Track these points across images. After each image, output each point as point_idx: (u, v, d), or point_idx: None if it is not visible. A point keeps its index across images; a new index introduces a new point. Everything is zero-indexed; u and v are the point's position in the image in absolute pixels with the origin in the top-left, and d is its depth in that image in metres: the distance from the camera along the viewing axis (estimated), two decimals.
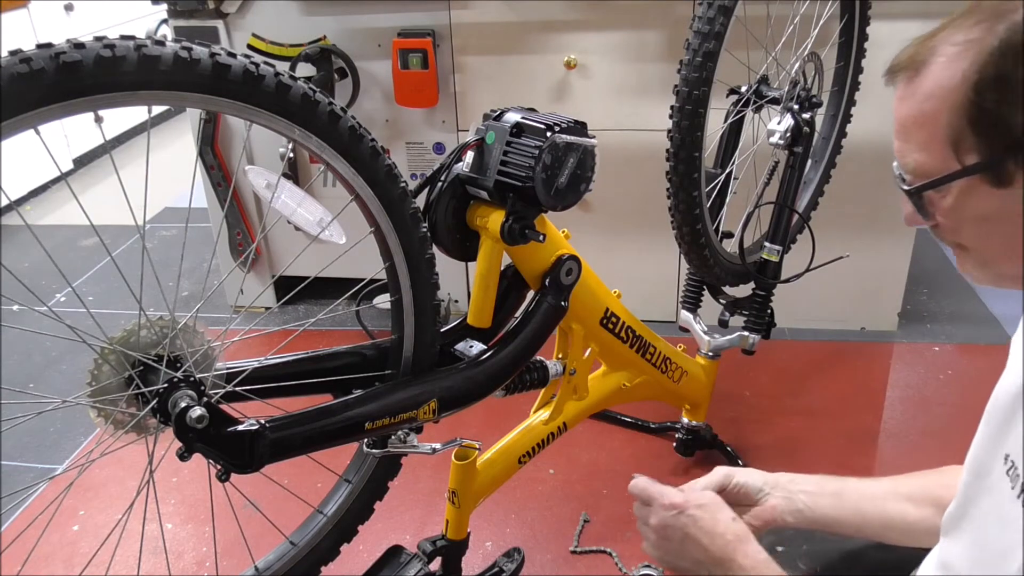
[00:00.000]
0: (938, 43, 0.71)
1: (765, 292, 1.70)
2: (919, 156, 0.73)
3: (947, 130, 0.70)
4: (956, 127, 0.69)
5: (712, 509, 0.93)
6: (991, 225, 0.72)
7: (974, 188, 0.70)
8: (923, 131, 0.72)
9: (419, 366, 1.14)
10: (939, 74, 0.70)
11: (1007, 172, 0.68)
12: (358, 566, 1.34)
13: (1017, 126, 0.66)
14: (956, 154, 0.70)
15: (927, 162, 0.72)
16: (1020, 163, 0.67)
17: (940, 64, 0.70)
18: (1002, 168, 0.68)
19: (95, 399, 0.93)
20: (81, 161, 3.85)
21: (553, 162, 1.06)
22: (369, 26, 2.15)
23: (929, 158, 0.72)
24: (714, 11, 1.38)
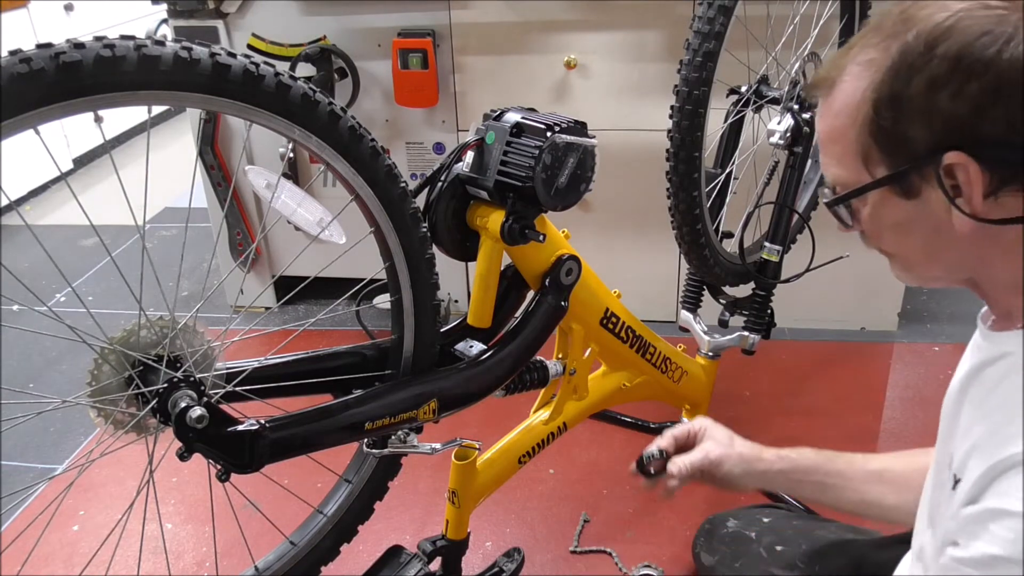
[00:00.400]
0: (847, 62, 0.73)
1: (765, 292, 1.70)
2: (836, 170, 0.76)
3: (856, 145, 0.73)
4: (863, 142, 0.72)
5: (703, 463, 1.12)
6: (905, 232, 0.75)
7: (886, 199, 0.73)
8: (837, 146, 0.75)
9: (419, 366, 1.14)
10: (846, 92, 0.73)
11: (913, 184, 0.71)
12: (358, 566, 1.34)
13: (916, 141, 0.68)
14: (867, 167, 0.73)
15: (843, 175, 0.76)
16: (923, 176, 0.69)
17: (847, 83, 0.73)
18: (907, 181, 0.71)
19: (95, 399, 0.93)
20: (81, 161, 3.85)
21: (553, 162, 1.06)
22: (369, 26, 2.15)
23: (844, 171, 0.75)
24: (714, 11, 1.38)
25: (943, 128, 0.67)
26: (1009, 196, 0.67)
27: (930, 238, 0.73)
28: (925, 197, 0.71)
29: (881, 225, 0.76)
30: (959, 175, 0.67)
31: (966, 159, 0.66)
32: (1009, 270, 0.72)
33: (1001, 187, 0.67)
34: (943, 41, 0.66)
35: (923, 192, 0.70)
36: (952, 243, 0.72)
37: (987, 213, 0.68)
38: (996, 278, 0.74)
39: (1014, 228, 0.69)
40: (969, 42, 0.65)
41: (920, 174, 0.69)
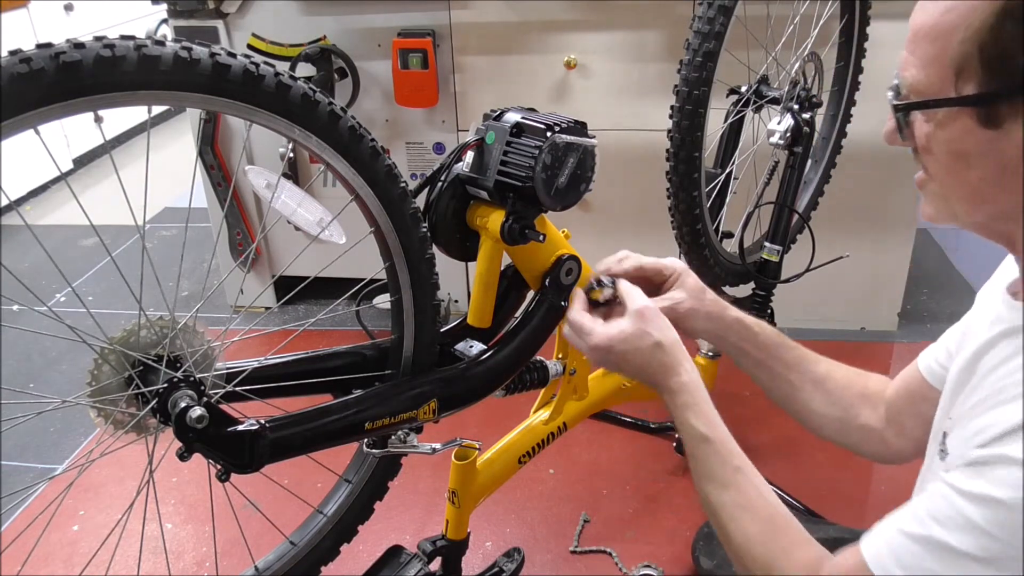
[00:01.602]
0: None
1: (765, 292, 1.70)
2: (917, 72, 0.69)
3: (956, 51, 0.65)
4: (965, 51, 0.65)
5: (636, 340, 0.92)
6: (964, 163, 0.69)
7: (961, 121, 0.67)
8: (932, 46, 0.67)
9: (419, 366, 1.14)
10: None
11: (998, 113, 0.65)
12: (358, 566, 1.34)
13: None
14: (955, 80, 0.66)
15: (923, 80, 0.69)
16: (1014, 108, 0.64)
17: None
18: (994, 108, 0.65)
19: (95, 399, 0.93)
20: (81, 161, 3.85)
21: (553, 162, 1.06)
22: (369, 26, 2.15)
23: (926, 77, 0.68)
24: (714, 11, 1.38)
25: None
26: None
27: (990, 176, 0.68)
28: (1005, 130, 0.65)
29: (940, 146, 0.70)
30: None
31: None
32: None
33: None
34: None
35: (1005, 124, 0.65)
36: (1011, 188, 0.67)
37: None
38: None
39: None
40: None
41: (1012, 103, 0.64)
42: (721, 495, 0.86)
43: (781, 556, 0.80)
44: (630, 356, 0.92)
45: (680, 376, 0.92)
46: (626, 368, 0.94)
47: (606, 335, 0.93)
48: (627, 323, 0.93)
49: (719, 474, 0.87)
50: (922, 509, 0.68)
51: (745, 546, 0.82)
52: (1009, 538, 0.62)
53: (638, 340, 0.92)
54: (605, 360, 0.95)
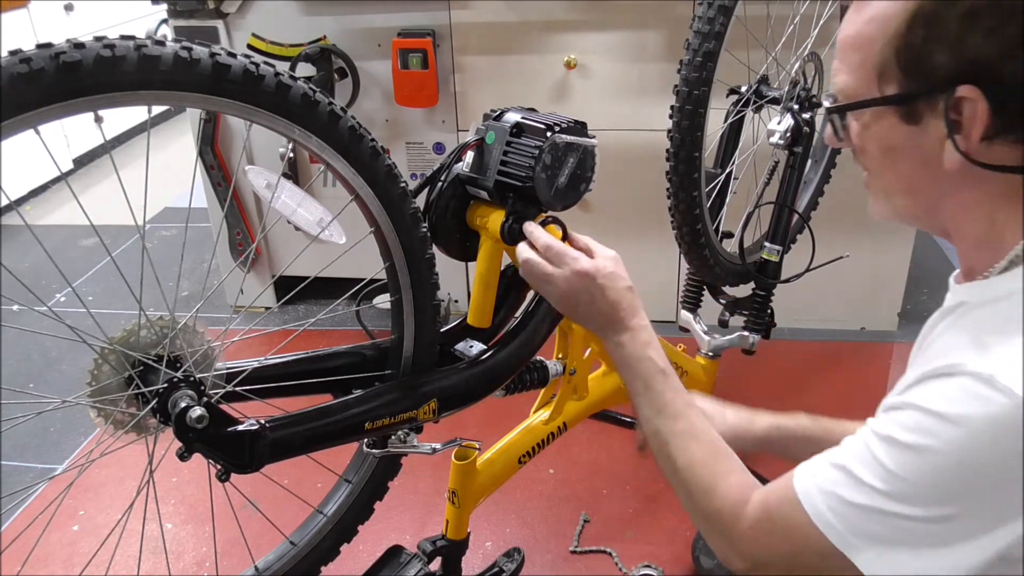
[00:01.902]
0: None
1: (765, 292, 1.70)
2: (847, 78, 0.76)
3: (876, 57, 0.72)
4: (884, 56, 0.71)
5: (614, 278, 0.99)
6: (893, 157, 0.76)
7: (886, 118, 0.74)
8: (857, 54, 0.74)
9: (419, 366, 1.14)
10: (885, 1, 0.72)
11: (918, 110, 0.71)
12: (358, 566, 1.34)
13: (937, 66, 0.68)
14: (879, 83, 0.73)
15: (852, 85, 0.75)
16: (931, 104, 0.70)
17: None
18: (914, 106, 0.71)
19: (95, 399, 0.93)
20: (81, 161, 3.85)
21: (553, 162, 1.06)
22: (369, 26, 2.15)
23: (855, 82, 0.75)
24: (714, 11, 1.38)
25: (968, 61, 0.67)
26: (1002, 145, 0.69)
27: (916, 169, 0.74)
28: (924, 125, 0.71)
29: (871, 142, 0.77)
30: (965, 110, 0.68)
31: (979, 95, 0.67)
32: (980, 225, 0.74)
33: (999, 133, 0.68)
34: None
35: (924, 120, 0.71)
36: (936, 180, 0.73)
37: (978, 156, 0.69)
38: (966, 231, 0.76)
39: (993, 181, 0.70)
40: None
41: (929, 101, 0.70)
42: (673, 425, 0.93)
43: (721, 478, 0.87)
44: (607, 291, 0.98)
45: (641, 319, 0.99)
46: (598, 302, 0.99)
47: (592, 264, 0.98)
48: (606, 261, 0.99)
49: (672, 406, 0.94)
50: (846, 444, 0.75)
51: (690, 470, 0.89)
52: (913, 478, 0.67)
53: (616, 279, 0.99)
54: (579, 291, 0.98)
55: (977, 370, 0.65)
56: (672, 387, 0.96)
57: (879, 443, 0.70)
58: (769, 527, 0.80)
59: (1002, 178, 0.70)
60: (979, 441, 0.64)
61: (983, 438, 0.64)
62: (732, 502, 0.84)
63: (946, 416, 0.66)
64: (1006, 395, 0.63)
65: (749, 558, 0.83)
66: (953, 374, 0.67)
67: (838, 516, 0.72)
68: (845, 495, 0.72)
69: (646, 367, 0.96)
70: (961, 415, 0.65)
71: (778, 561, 0.80)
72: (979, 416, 0.64)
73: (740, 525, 0.83)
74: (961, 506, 0.66)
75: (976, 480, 0.65)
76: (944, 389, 0.67)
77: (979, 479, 0.65)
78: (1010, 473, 0.64)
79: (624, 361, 0.98)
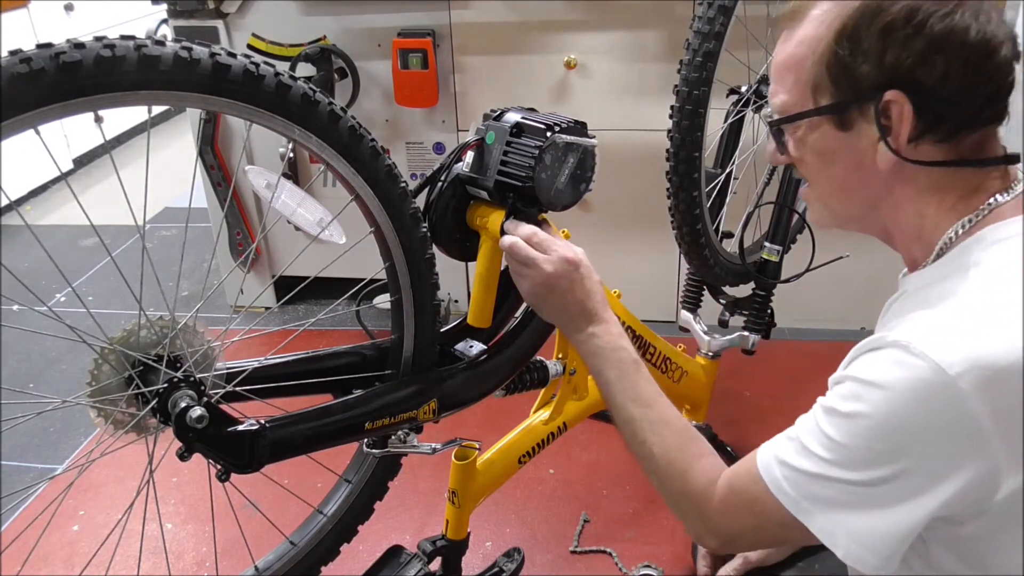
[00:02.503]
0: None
1: (765, 292, 1.70)
2: (784, 97, 0.84)
3: (809, 74, 0.81)
4: (816, 73, 0.80)
5: (591, 271, 1.04)
6: (828, 161, 0.84)
7: (821, 127, 0.82)
8: (791, 74, 0.83)
9: (419, 366, 1.14)
10: (812, 25, 0.81)
11: (850, 117, 0.80)
12: (358, 566, 1.34)
13: (864, 77, 0.77)
14: (813, 97, 0.81)
15: (789, 102, 0.83)
16: (862, 111, 0.79)
17: (814, 16, 0.81)
18: (846, 112, 0.79)
19: (95, 399, 0.93)
20: (81, 161, 3.85)
21: (553, 162, 1.06)
22: (369, 26, 2.15)
23: (792, 99, 0.83)
24: (714, 11, 1.38)
25: (889, 70, 0.76)
26: (928, 144, 0.78)
27: (851, 172, 0.82)
28: (857, 131, 0.80)
29: (810, 151, 0.84)
30: (893, 113, 0.77)
31: (903, 99, 0.76)
32: (913, 219, 0.82)
33: (924, 134, 0.77)
34: None
35: (856, 125, 0.79)
36: (870, 180, 0.81)
37: (908, 155, 0.78)
38: (901, 227, 0.84)
39: (924, 176, 0.79)
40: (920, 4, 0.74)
41: (859, 108, 0.79)
42: (647, 412, 0.97)
43: (694, 460, 0.92)
44: (586, 280, 1.03)
45: (611, 312, 1.05)
46: (576, 290, 1.02)
47: (575, 253, 1.03)
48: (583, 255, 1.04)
49: (644, 394, 0.99)
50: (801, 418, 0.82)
51: (664, 455, 0.94)
52: (851, 443, 0.74)
53: (592, 272, 1.04)
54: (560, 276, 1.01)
55: (897, 339, 0.72)
56: (644, 376, 1.01)
57: (823, 414, 0.77)
58: (735, 501, 0.86)
59: (927, 175, 0.79)
60: (902, 402, 0.71)
61: (905, 398, 0.71)
62: (703, 483, 0.90)
63: (874, 382, 0.73)
64: (923, 359, 0.70)
65: (720, 534, 0.90)
66: (881, 346, 0.74)
67: (791, 483, 0.79)
68: (796, 464, 0.78)
69: (620, 356, 1.01)
70: (886, 380, 0.72)
71: (746, 533, 0.87)
72: (900, 379, 0.71)
73: (710, 504, 0.89)
74: (896, 466, 0.72)
75: (905, 439, 0.71)
76: (873, 359, 0.75)
77: (908, 437, 0.71)
78: (935, 431, 0.70)
79: (598, 352, 1.02)
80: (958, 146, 0.78)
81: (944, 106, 0.76)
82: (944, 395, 0.69)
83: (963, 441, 0.69)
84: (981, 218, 0.78)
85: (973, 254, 0.76)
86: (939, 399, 0.69)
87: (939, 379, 0.69)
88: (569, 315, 1.04)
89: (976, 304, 0.72)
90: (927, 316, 0.74)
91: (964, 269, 0.76)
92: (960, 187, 0.79)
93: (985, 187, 0.79)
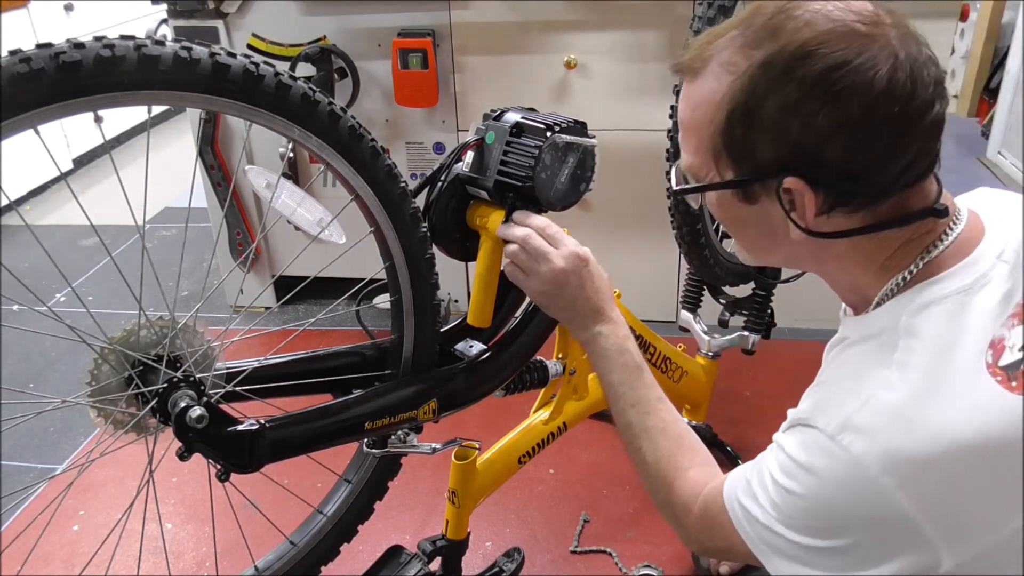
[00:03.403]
0: (711, 54, 0.74)
1: (765, 292, 1.70)
2: (690, 158, 0.79)
3: (708, 143, 0.75)
4: (715, 144, 0.74)
5: (600, 268, 1.04)
6: (741, 227, 0.81)
7: (726, 198, 0.77)
8: (693, 138, 0.77)
9: (419, 366, 1.14)
10: (707, 88, 0.74)
11: (754, 192, 0.75)
12: (358, 566, 1.34)
13: (762, 156, 0.71)
14: (716, 165, 0.76)
15: (695, 164, 0.78)
16: (764, 187, 0.73)
17: (709, 78, 0.74)
18: (750, 189, 0.75)
19: (95, 399, 0.93)
20: (81, 161, 3.85)
21: (553, 162, 1.06)
22: (369, 26, 2.15)
23: (697, 162, 0.78)
24: (714, 11, 1.38)
25: (789, 151, 0.70)
26: (841, 215, 0.72)
27: (766, 237, 0.78)
28: (763, 204, 0.75)
29: (722, 217, 0.81)
30: (795, 195, 0.72)
31: (803, 185, 0.70)
32: (844, 276, 0.78)
33: (833, 207, 0.72)
34: (802, 65, 0.67)
35: (762, 200, 0.75)
36: (786, 244, 0.77)
37: (818, 227, 0.73)
38: (834, 280, 0.81)
39: (842, 243, 0.74)
40: (826, 69, 0.67)
41: (762, 185, 0.73)
42: (645, 419, 0.96)
43: (681, 473, 0.91)
44: (595, 278, 1.02)
45: (618, 312, 1.04)
46: (586, 287, 1.01)
47: (585, 250, 1.02)
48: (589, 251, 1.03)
49: (645, 401, 0.98)
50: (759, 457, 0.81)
51: (655, 464, 0.94)
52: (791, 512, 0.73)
53: (601, 269, 1.03)
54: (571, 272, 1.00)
55: (823, 427, 0.71)
56: (646, 382, 1.00)
57: (768, 475, 0.76)
58: (707, 523, 0.87)
59: (846, 242, 0.74)
60: (830, 491, 0.70)
61: (833, 489, 0.70)
62: (686, 497, 0.90)
63: (804, 465, 0.72)
64: (846, 453, 0.68)
65: (699, 547, 0.94)
66: (810, 426, 0.73)
67: (750, 525, 0.79)
68: (751, 509, 0.78)
69: (625, 360, 1.00)
70: (814, 466, 0.71)
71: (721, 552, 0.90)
72: (827, 469, 0.70)
73: (689, 519, 0.89)
74: (836, 542, 0.71)
75: (840, 523, 0.70)
76: (803, 439, 0.73)
77: (842, 522, 0.70)
78: (867, 521, 0.69)
79: (603, 353, 1.01)
80: (876, 211, 0.72)
81: (851, 184, 0.70)
82: (869, 491, 0.67)
83: (895, 530, 0.68)
84: (915, 273, 0.73)
85: (904, 316, 0.71)
86: (864, 494, 0.68)
87: (862, 474, 0.67)
88: (577, 312, 1.02)
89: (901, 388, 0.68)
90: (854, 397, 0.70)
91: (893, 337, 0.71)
92: (886, 247, 0.74)
93: (916, 241, 0.73)
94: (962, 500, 0.67)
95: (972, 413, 0.66)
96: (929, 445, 0.66)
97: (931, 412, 0.67)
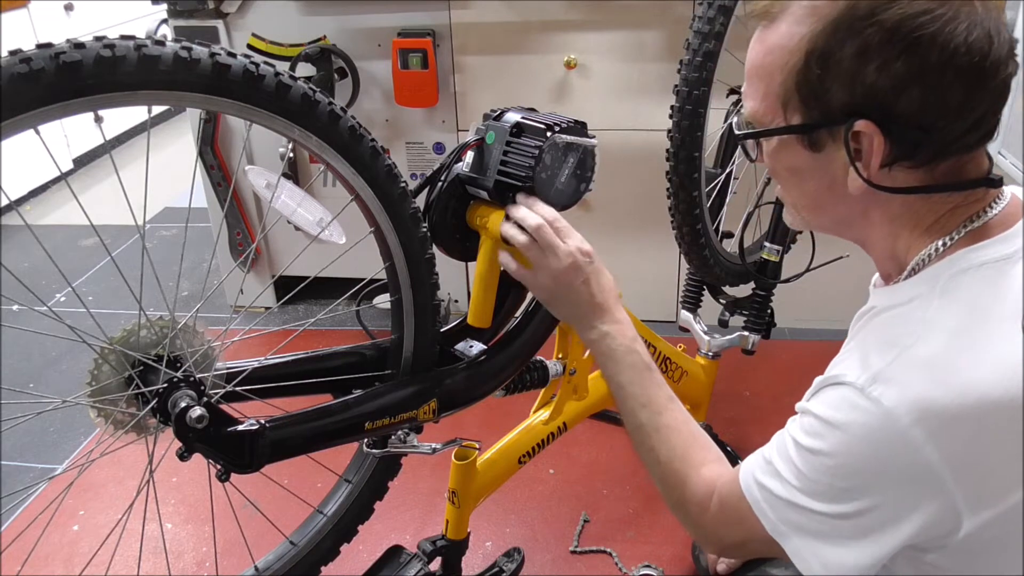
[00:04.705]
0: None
1: (765, 292, 1.70)
2: (755, 104, 0.79)
3: (779, 88, 0.75)
4: (787, 88, 0.74)
5: (603, 266, 1.03)
6: (800, 178, 0.80)
7: (792, 144, 0.77)
8: (762, 83, 0.77)
9: (419, 366, 1.14)
10: (784, 32, 0.74)
11: (820, 138, 0.75)
12: (358, 566, 1.34)
13: (835, 100, 0.72)
14: (784, 111, 0.76)
15: (760, 111, 0.78)
16: (832, 134, 0.74)
17: (787, 23, 0.74)
18: (816, 134, 0.75)
19: (95, 399, 0.93)
20: (81, 161, 3.85)
21: (553, 162, 1.06)
22: (369, 26, 2.15)
23: (762, 108, 0.78)
24: (714, 11, 1.38)
25: (863, 96, 0.70)
26: (902, 170, 0.73)
27: (822, 190, 0.78)
28: (828, 152, 0.75)
29: (779, 164, 0.80)
30: (863, 141, 0.72)
31: (874, 129, 0.70)
32: (887, 239, 0.79)
33: (897, 160, 0.72)
34: (885, 11, 0.68)
35: (827, 148, 0.75)
36: (842, 200, 0.77)
37: (879, 180, 0.73)
38: (876, 244, 0.81)
39: (899, 201, 0.75)
40: (908, 16, 0.67)
41: (830, 131, 0.73)
42: (656, 419, 0.95)
43: (694, 471, 0.91)
44: (601, 276, 1.01)
45: (623, 311, 1.02)
46: (592, 285, 1.00)
47: (590, 247, 1.01)
48: None
49: (656, 400, 0.97)
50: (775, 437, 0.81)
51: (669, 464, 0.93)
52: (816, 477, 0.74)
53: (604, 267, 1.02)
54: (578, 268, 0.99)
55: (854, 381, 0.71)
56: (656, 382, 0.98)
57: (791, 442, 0.77)
58: (724, 517, 0.86)
59: (901, 199, 0.75)
60: (858, 446, 0.71)
61: (861, 443, 0.70)
62: (701, 494, 0.89)
63: (831, 422, 0.72)
64: (875, 406, 0.69)
65: (714, 545, 0.93)
66: (839, 384, 0.73)
67: (769, 505, 0.79)
68: (771, 487, 0.78)
69: (633, 360, 0.99)
70: (842, 421, 0.71)
71: (739, 545, 0.88)
72: (855, 423, 0.70)
73: (705, 516, 0.89)
74: (859, 503, 0.72)
75: (865, 480, 0.71)
76: (831, 397, 0.74)
77: (867, 480, 0.71)
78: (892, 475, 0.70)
79: (611, 353, 1.00)
80: (934, 171, 0.73)
81: (921, 135, 0.70)
82: (898, 443, 0.68)
83: (920, 485, 0.69)
84: (956, 239, 0.74)
85: (941, 280, 0.73)
86: (893, 446, 0.68)
87: (891, 426, 0.68)
88: (583, 310, 1.01)
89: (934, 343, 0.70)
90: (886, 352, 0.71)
91: (929, 298, 0.72)
92: (936, 210, 0.75)
93: (963, 207, 0.75)
94: (988, 457, 0.68)
95: (1004, 372, 0.68)
96: (960, 398, 0.67)
97: (963, 366, 0.68)
